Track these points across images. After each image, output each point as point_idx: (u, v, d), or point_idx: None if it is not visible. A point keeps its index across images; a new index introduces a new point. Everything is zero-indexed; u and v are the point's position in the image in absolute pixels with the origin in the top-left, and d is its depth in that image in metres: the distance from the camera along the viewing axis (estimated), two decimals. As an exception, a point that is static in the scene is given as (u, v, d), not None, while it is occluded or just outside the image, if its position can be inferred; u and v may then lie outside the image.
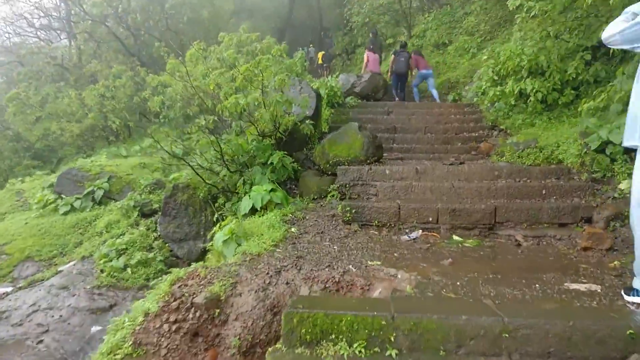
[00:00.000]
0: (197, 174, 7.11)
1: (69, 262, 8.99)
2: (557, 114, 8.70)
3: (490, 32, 15.55)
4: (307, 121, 7.85)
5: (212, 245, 5.62)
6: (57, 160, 18.28)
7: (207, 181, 7.24)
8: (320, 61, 21.51)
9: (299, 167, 8.01)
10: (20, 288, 7.66)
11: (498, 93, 9.89)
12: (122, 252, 8.42)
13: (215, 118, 8.23)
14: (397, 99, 12.92)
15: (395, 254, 4.64)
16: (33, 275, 8.31)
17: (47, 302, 6.89)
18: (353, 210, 5.76)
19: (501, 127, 9.61)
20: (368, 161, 7.08)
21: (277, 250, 4.66)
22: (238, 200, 7.30)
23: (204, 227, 7.96)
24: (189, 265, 5.43)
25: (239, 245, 5.03)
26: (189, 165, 7.07)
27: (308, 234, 5.34)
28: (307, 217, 5.98)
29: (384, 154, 8.62)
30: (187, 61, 12.61)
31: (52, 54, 19.47)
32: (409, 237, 5.35)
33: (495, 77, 10.54)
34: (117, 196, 11.00)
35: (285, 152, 7.59)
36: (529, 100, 8.83)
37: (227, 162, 7.45)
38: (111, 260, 8.16)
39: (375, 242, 5.13)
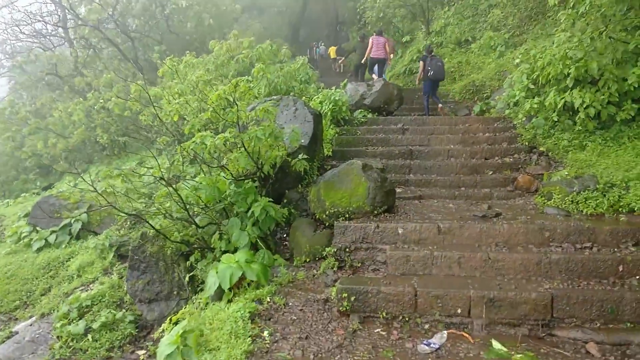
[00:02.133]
0: (158, 232, 5.62)
1: (27, 319, 7.73)
2: (614, 133, 6.98)
3: (519, 27, 13.66)
4: (300, 155, 6.28)
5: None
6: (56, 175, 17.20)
7: (171, 239, 5.75)
8: (333, 55, 19.92)
9: (293, 210, 6.48)
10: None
11: (535, 105, 8.17)
12: (86, 310, 7.10)
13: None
14: (427, 111, 11.12)
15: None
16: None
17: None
18: (352, 297, 4.21)
19: (541, 149, 7.88)
20: (375, 212, 5.48)
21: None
22: (213, 259, 5.82)
23: (178, 286, 6.54)
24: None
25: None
26: (147, 222, 5.58)
27: (286, 341, 3.80)
28: (289, 304, 4.43)
29: (398, 190, 7.02)
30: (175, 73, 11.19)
31: (52, 61, 18.31)
32: (430, 345, 3.76)
33: (531, 86, 8.81)
34: (98, 228, 9.70)
35: (272, 198, 6.08)
36: (577, 117, 7.11)
37: (198, 212, 5.96)
38: (71, 323, 6.83)
39: (381, 357, 3.57)
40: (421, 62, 11.25)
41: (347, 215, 5.49)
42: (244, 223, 5.70)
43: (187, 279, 5.99)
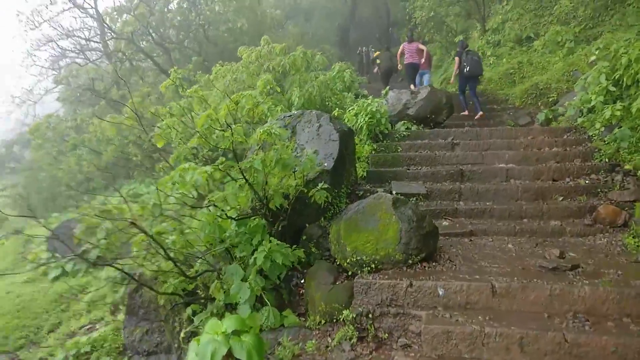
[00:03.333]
0: (139, 283, 4.72)
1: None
2: None
3: (592, 19, 11.85)
4: (321, 183, 5.19)
5: None
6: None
7: (159, 291, 4.82)
8: (379, 60, 18.50)
9: (314, 249, 5.39)
10: None
11: (618, 112, 6.70)
12: (83, 357, 6.39)
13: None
14: (465, 106, 10.71)
15: None
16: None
17: None
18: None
19: (627, 167, 6.34)
20: (410, 261, 4.28)
21: None
22: (214, 312, 4.85)
23: (179, 338, 5.62)
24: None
25: None
26: (129, 276, 4.69)
27: None
28: (288, 397, 3.34)
29: (444, 223, 5.76)
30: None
31: (90, 75, 18.36)
32: None
33: (612, 88, 7.30)
34: (119, 255, 9.09)
35: (287, 236, 5.05)
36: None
37: (195, 254, 5.01)
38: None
39: None
40: (456, 59, 10.57)
41: (372, 266, 4.33)
42: (248, 271, 4.69)
43: (182, 334, 5.05)
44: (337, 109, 8.89)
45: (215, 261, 5.39)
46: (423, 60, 12.50)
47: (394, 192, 6.46)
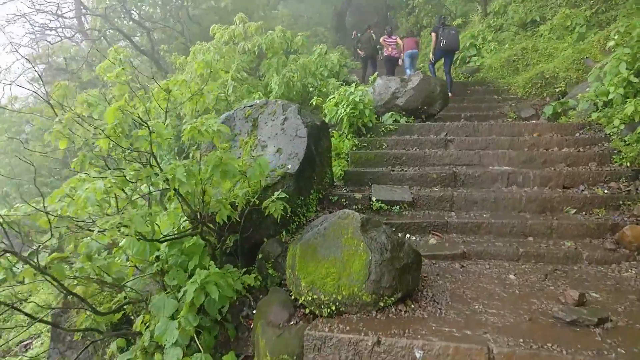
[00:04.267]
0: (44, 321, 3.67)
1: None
2: None
3: (606, 1, 10.70)
4: (278, 191, 4.13)
5: None
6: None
7: (67, 329, 3.80)
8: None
9: (271, 271, 4.37)
10: None
11: (641, 108, 5.67)
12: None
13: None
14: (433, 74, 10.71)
15: None
16: None
17: None
18: None
19: (652, 174, 5.31)
20: (381, 303, 3.24)
21: None
22: (141, 351, 3.83)
23: (109, 377, 4.61)
24: None
25: None
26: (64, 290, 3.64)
27: None
28: None
29: (432, 241, 4.75)
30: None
31: (70, 55, 17.12)
32: None
33: (634, 79, 6.25)
34: (74, 258, 8.06)
35: (239, 254, 4.02)
36: None
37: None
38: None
39: None
40: (433, 34, 10.24)
41: (333, 308, 3.29)
42: (176, 311, 3.64)
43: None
44: (315, 97, 7.78)
45: (148, 285, 4.38)
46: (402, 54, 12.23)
47: (373, 199, 5.42)
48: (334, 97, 7.27)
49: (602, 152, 5.89)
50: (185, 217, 4.10)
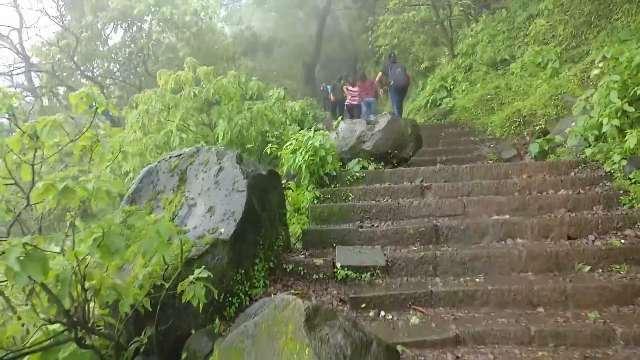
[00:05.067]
0: None
1: None
2: None
3: (575, 37, 10.29)
4: (201, 269, 2.98)
5: None
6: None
7: None
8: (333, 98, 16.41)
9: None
10: None
11: (645, 140, 4.81)
12: None
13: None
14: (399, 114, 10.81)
15: None
16: None
17: None
18: None
19: (672, 217, 4.36)
20: None
21: None
22: None
23: None
24: None
25: None
26: None
27: None
28: None
29: (413, 319, 3.62)
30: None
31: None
32: None
33: (629, 108, 5.44)
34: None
35: (157, 351, 2.81)
36: None
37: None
38: None
39: None
40: (380, 74, 10.90)
41: None
42: None
43: None
44: (269, 145, 6.77)
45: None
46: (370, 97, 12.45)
47: (338, 265, 4.29)
48: (291, 143, 6.27)
49: (606, 193, 4.96)
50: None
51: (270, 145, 6.71)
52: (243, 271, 3.76)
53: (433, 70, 15.30)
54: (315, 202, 5.73)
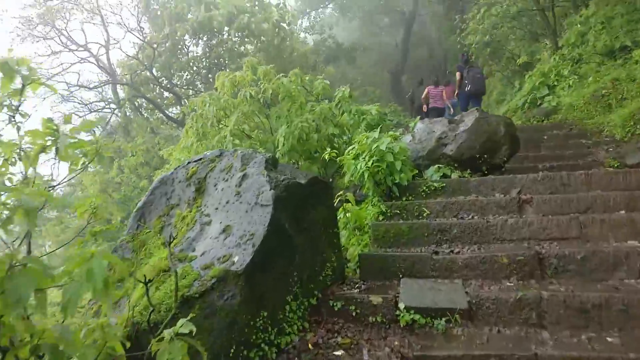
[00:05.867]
0: None
1: None
2: None
3: None
4: (180, 322, 2.08)
5: None
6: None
7: None
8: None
9: None
10: None
11: None
12: None
13: None
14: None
15: None
16: None
17: None
18: None
19: None
20: None
21: None
22: None
23: None
24: None
25: None
26: None
27: None
28: None
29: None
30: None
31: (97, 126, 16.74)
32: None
33: None
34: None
35: None
36: None
37: None
38: None
39: None
40: (458, 73, 10.07)
41: None
42: None
43: None
44: (329, 150, 5.80)
45: None
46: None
47: (401, 305, 3.19)
48: (353, 147, 5.25)
49: None
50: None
51: (329, 150, 5.74)
52: (266, 313, 2.80)
53: (531, 67, 13.44)
54: (381, 218, 4.65)
